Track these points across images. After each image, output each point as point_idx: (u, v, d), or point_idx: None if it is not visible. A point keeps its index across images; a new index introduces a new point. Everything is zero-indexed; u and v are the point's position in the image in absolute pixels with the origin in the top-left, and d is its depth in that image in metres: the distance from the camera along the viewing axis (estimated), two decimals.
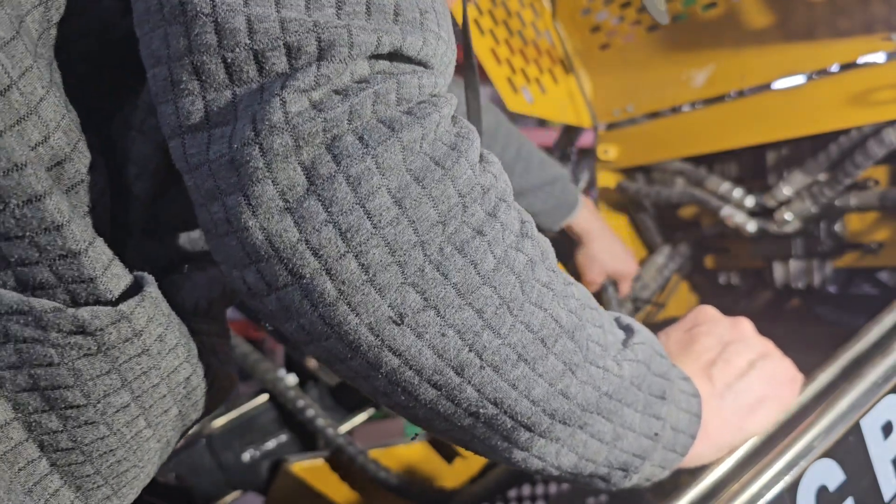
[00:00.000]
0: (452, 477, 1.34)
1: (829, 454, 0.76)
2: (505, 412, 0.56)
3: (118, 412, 0.54)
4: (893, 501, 0.79)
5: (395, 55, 0.51)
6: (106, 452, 0.55)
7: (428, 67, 0.53)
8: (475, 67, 0.86)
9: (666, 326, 0.79)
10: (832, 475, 0.76)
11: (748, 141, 1.32)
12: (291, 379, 1.24)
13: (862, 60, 1.19)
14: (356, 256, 0.48)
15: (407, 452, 1.31)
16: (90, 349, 0.51)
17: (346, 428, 1.26)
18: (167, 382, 0.57)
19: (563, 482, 0.70)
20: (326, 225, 0.48)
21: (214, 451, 1.21)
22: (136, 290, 0.54)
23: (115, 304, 0.53)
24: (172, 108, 0.50)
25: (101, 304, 0.52)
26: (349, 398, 1.28)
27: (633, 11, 1.41)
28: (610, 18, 1.46)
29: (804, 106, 1.23)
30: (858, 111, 1.15)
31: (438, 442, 1.32)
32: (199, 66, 0.49)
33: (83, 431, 0.53)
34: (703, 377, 0.72)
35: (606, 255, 1.49)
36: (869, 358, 0.83)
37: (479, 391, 0.54)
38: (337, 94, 0.49)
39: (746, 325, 0.79)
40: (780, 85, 1.30)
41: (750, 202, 1.33)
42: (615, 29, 1.47)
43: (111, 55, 0.59)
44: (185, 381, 0.59)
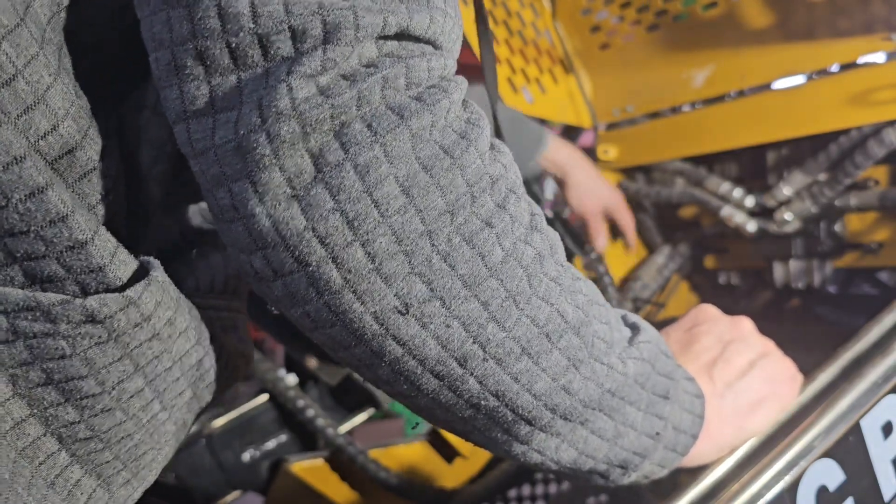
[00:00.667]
0: (452, 477, 1.34)
1: (829, 454, 0.76)
2: (506, 405, 0.56)
3: (133, 397, 0.54)
4: (893, 502, 0.79)
5: (402, 35, 0.50)
6: (124, 438, 0.55)
7: (436, 47, 0.53)
8: (491, 43, 0.86)
9: (666, 326, 0.79)
10: (832, 475, 0.76)
11: (748, 141, 1.32)
12: (291, 379, 1.24)
13: (862, 60, 1.19)
14: (363, 245, 0.48)
15: (407, 452, 1.31)
16: (101, 337, 0.51)
17: (345, 428, 1.26)
18: (179, 366, 0.57)
19: (561, 477, 0.70)
20: (333, 213, 0.47)
21: (214, 450, 1.21)
22: (142, 274, 0.54)
23: (122, 290, 0.52)
24: (177, 92, 0.50)
25: (109, 292, 0.52)
26: (349, 398, 1.28)
27: (633, 11, 1.41)
28: (610, 18, 1.46)
29: (804, 106, 1.23)
30: (858, 111, 1.16)
31: (438, 442, 1.32)
32: (202, 50, 0.48)
33: (100, 419, 0.53)
34: (703, 376, 0.72)
35: (595, 182, 1.46)
36: (869, 358, 0.83)
37: (481, 383, 0.54)
38: (344, 78, 0.48)
39: (747, 323, 0.79)
40: (780, 85, 1.30)
41: (750, 202, 1.33)
42: (615, 29, 1.47)
43: (124, 37, 0.58)
44: (197, 363, 0.59)
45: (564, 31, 1.52)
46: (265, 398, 1.25)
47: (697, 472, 0.75)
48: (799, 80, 1.27)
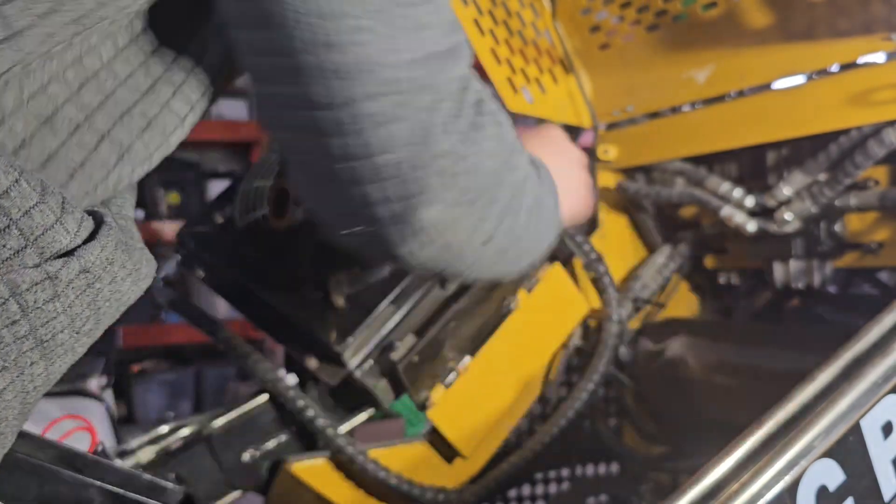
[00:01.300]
0: (452, 477, 1.34)
1: (829, 454, 0.76)
2: None
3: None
4: (893, 502, 0.79)
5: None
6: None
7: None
8: None
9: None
10: (832, 475, 0.76)
11: (748, 141, 1.33)
12: (291, 379, 1.24)
13: (862, 60, 1.19)
14: None
15: (407, 452, 1.31)
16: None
17: (345, 428, 1.25)
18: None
19: None
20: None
21: (214, 451, 1.21)
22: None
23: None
24: None
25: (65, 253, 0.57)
26: (349, 398, 1.28)
27: (632, 11, 1.41)
28: (609, 18, 1.46)
29: (804, 106, 1.23)
30: (858, 111, 1.16)
31: (438, 442, 1.32)
32: None
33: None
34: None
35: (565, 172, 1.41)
36: (869, 358, 0.83)
37: None
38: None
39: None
40: (779, 85, 1.30)
41: (750, 202, 1.33)
42: (615, 28, 1.47)
43: None
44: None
45: (564, 30, 1.52)
46: (265, 398, 1.25)
47: (697, 472, 0.75)
48: (799, 80, 1.27)
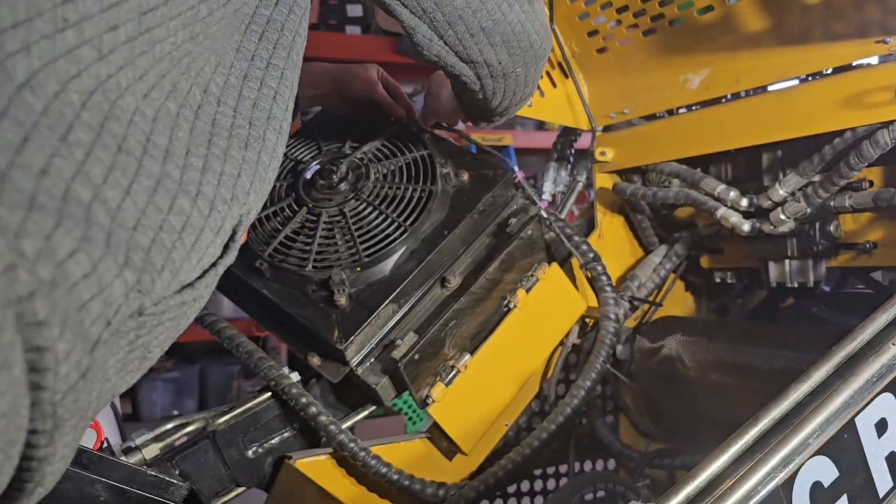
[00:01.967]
0: (453, 473, 1.35)
1: (823, 451, 0.77)
2: None
3: None
4: (888, 498, 0.81)
5: None
6: None
7: None
8: None
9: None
10: (827, 472, 0.78)
11: (743, 142, 1.34)
12: (294, 376, 1.24)
13: (856, 63, 1.20)
14: None
15: (408, 449, 1.32)
16: None
17: (347, 424, 1.26)
18: None
19: None
20: None
21: (218, 447, 1.22)
22: None
23: None
24: None
25: None
26: (351, 395, 1.29)
27: (629, 15, 1.42)
28: (607, 22, 1.47)
29: (799, 108, 1.25)
30: (852, 113, 1.17)
31: (438, 439, 1.33)
32: None
33: None
34: None
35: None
36: (863, 356, 0.85)
37: None
38: None
39: None
40: (774, 87, 1.32)
41: (745, 203, 1.35)
42: (612, 33, 1.48)
43: None
44: None
45: (562, 35, 1.53)
46: (268, 395, 1.26)
47: (694, 468, 0.77)
48: (793, 82, 1.29)
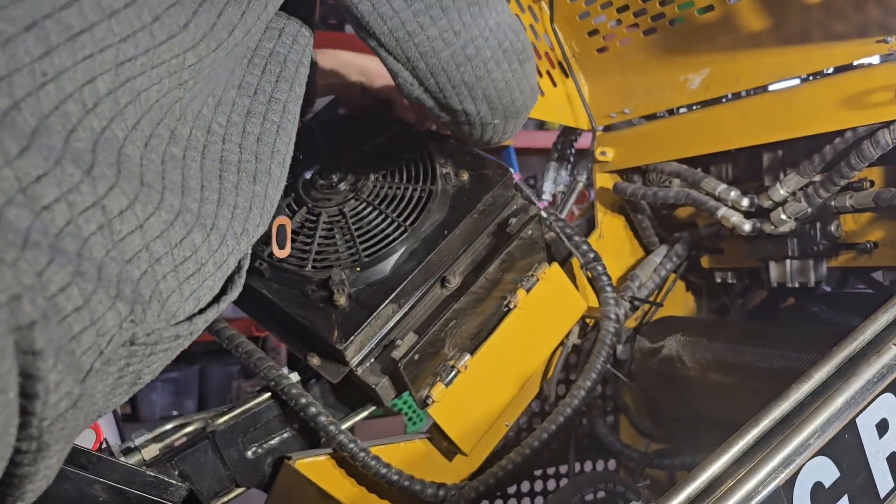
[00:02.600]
0: (453, 474, 1.35)
1: (824, 452, 0.77)
2: None
3: None
4: (889, 499, 0.81)
5: None
6: None
7: None
8: None
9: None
10: (827, 472, 0.77)
11: (744, 142, 1.34)
12: (294, 376, 1.24)
13: (856, 63, 1.20)
14: None
15: (408, 449, 1.32)
16: None
17: (347, 425, 1.26)
18: None
19: None
20: None
21: (217, 448, 1.22)
22: None
23: None
24: None
25: None
26: (350, 396, 1.29)
27: (630, 15, 1.42)
28: (607, 22, 1.47)
29: (799, 107, 1.24)
30: (853, 113, 1.17)
31: (439, 439, 1.33)
32: None
33: None
34: None
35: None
36: (864, 356, 0.85)
37: None
38: None
39: None
40: (775, 87, 1.31)
41: (746, 203, 1.34)
42: (612, 32, 1.48)
43: None
44: None
45: (563, 34, 1.53)
46: (268, 396, 1.26)
47: (694, 469, 0.77)
48: (794, 82, 1.28)
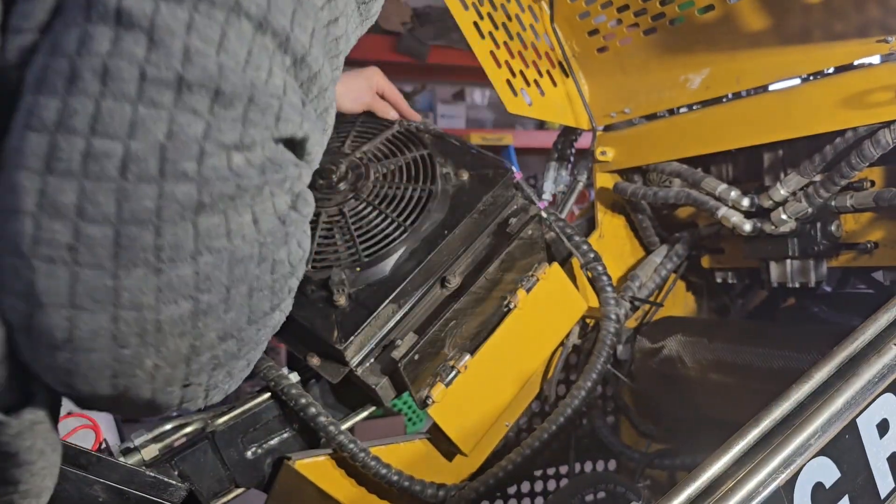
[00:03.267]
0: (453, 474, 1.35)
1: (824, 452, 0.77)
2: None
3: None
4: (889, 499, 0.80)
5: (297, 144, 0.58)
6: None
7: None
8: None
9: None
10: (828, 473, 0.77)
11: (744, 142, 1.33)
12: (294, 377, 1.24)
13: (857, 63, 1.20)
14: None
15: (408, 450, 1.32)
16: None
17: (347, 425, 1.26)
18: None
19: None
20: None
21: (217, 448, 1.22)
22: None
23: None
24: (58, 103, 0.51)
25: None
26: (350, 396, 1.29)
27: (630, 15, 1.42)
28: (607, 21, 1.47)
29: (800, 107, 1.24)
30: (853, 112, 1.17)
31: (438, 440, 1.33)
32: (110, 69, 0.50)
33: None
34: None
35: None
36: (864, 356, 0.84)
37: None
38: (251, 166, 0.53)
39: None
40: (775, 87, 1.31)
41: (746, 203, 1.34)
42: (613, 32, 1.48)
43: None
44: None
45: (563, 34, 1.53)
46: (268, 396, 1.26)
47: (694, 469, 0.77)
48: (794, 82, 1.28)
